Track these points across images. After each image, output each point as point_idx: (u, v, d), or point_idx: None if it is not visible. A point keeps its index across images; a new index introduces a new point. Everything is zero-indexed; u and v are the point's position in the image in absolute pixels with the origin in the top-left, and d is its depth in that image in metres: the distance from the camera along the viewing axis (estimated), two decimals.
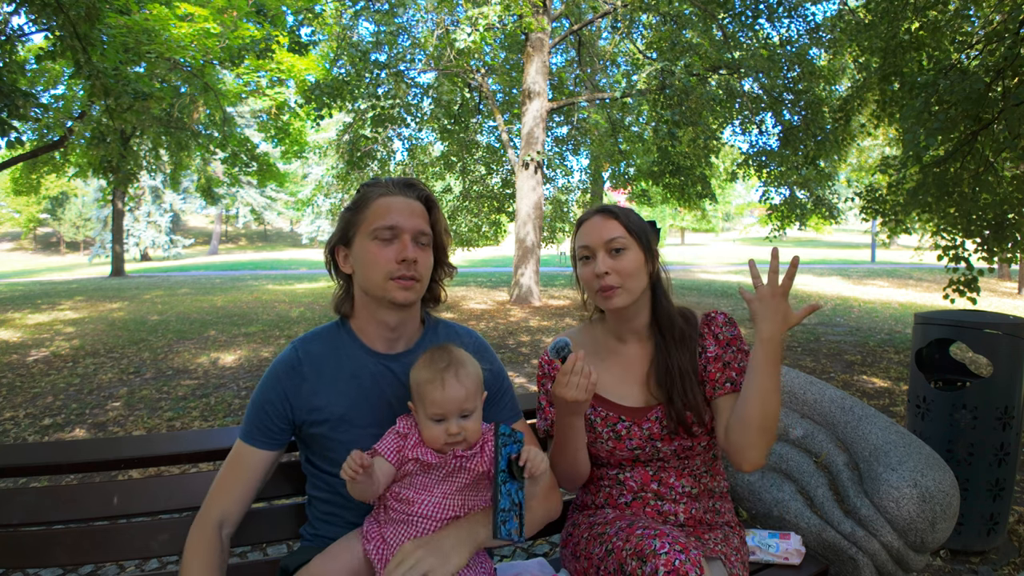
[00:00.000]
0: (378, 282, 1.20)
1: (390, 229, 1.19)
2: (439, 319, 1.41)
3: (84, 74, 6.64)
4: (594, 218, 1.40)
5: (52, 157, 15.98)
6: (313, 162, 25.86)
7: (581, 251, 1.39)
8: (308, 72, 12.23)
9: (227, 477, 1.24)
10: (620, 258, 1.35)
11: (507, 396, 1.37)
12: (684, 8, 10.60)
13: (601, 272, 1.34)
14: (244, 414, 1.29)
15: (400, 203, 1.22)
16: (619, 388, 1.41)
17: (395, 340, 1.29)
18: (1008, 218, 5.18)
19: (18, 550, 1.28)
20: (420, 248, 1.23)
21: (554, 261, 27.32)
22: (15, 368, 6.15)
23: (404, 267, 1.19)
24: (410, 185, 1.26)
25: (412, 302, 1.24)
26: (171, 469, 3.01)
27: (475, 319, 9.18)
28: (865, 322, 9.45)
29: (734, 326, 1.43)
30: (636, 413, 1.38)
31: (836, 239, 44.43)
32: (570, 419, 1.28)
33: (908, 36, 5.95)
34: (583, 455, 1.36)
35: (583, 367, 1.21)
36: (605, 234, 1.36)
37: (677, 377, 1.35)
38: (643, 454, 1.37)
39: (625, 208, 1.42)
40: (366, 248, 1.21)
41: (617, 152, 14.00)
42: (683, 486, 1.37)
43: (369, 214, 1.22)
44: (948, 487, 1.57)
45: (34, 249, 45.60)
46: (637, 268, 1.36)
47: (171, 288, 15.22)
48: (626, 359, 1.44)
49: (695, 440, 1.36)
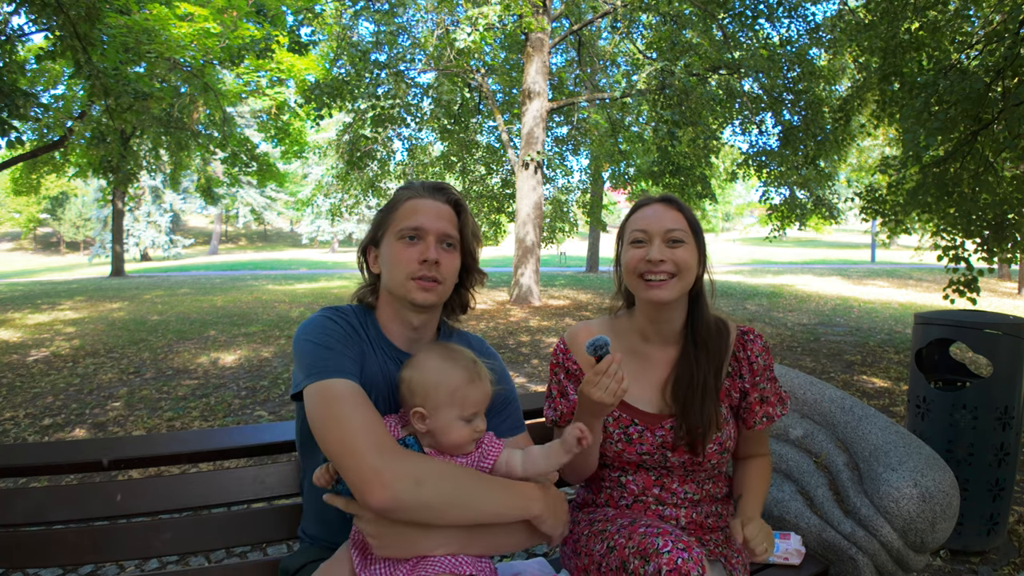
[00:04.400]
0: (400, 281, 1.21)
1: (415, 230, 1.21)
2: (455, 329, 1.40)
3: (84, 74, 6.64)
4: (656, 205, 1.35)
5: (52, 157, 15.98)
6: (313, 162, 25.89)
7: (635, 234, 1.32)
8: (308, 72, 12.25)
9: (372, 423, 1.03)
10: (677, 249, 1.30)
11: (508, 412, 1.34)
12: (684, 8, 10.61)
13: (656, 259, 1.28)
14: (306, 362, 1.11)
15: (428, 205, 1.24)
16: (635, 390, 1.37)
17: (416, 340, 1.29)
18: (1008, 218, 5.17)
19: (18, 550, 1.28)
20: (445, 251, 1.23)
21: (554, 261, 27.35)
22: (15, 368, 6.15)
23: (425, 268, 1.20)
24: (440, 189, 1.28)
25: (432, 304, 1.24)
26: (171, 469, 3.00)
27: (475, 319, 9.18)
28: (865, 322, 9.45)
29: (768, 353, 1.41)
30: (650, 419, 1.35)
31: (836, 239, 44.43)
32: (591, 420, 1.25)
33: (908, 36, 5.95)
34: (594, 455, 1.35)
35: (617, 371, 1.17)
36: (667, 223, 1.31)
37: (698, 392, 1.31)
38: (651, 460, 1.35)
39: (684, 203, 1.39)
40: (392, 248, 1.23)
41: (617, 152, 14.00)
42: (686, 492, 1.36)
43: (398, 215, 1.24)
44: (948, 487, 1.57)
45: (34, 249, 45.59)
46: (691, 264, 1.31)
47: (171, 288, 15.22)
48: (647, 361, 1.40)
49: (705, 457, 1.33)
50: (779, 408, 1.40)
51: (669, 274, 1.29)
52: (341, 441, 1.00)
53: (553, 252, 24.54)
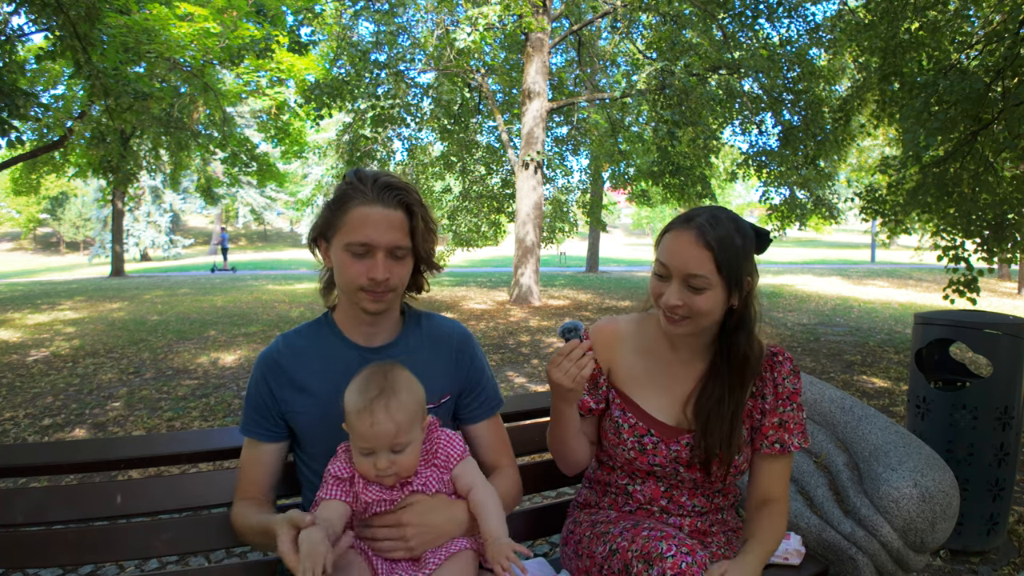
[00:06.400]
0: (350, 291, 1.22)
1: (363, 245, 1.17)
2: (421, 311, 1.40)
3: (84, 74, 6.64)
4: (686, 235, 1.19)
5: (52, 157, 15.97)
6: (313, 162, 25.89)
7: (657, 266, 1.24)
8: (308, 72, 12.24)
9: (242, 478, 1.29)
10: (697, 296, 1.19)
11: (485, 391, 1.37)
12: (684, 8, 10.61)
13: (672, 304, 1.20)
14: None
15: (376, 215, 1.17)
16: (655, 398, 1.32)
17: (374, 334, 1.30)
18: (1008, 218, 5.17)
19: (18, 550, 1.27)
20: (395, 261, 1.21)
21: (554, 261, 27.34)
22: (15, 368, 6.15)
23: (374, 284, 1.18)
24: (390, 188, 1.20)
25: (383, 311, 1.25)
26: (171, 469, 3.00)
27: (475, 319, 9.18)
28: (865, 322, 9.45)
29: (797, 378, 1.31)
30: (667, 431, 1.29)
31: (836, 239, 44.43)
32: (559, 404, 1.25)
33: (908, 36, 5.95)
34: (575, 444, 1.33)
35: (580, 356, 1.17)
36: (691, 266, 1.17)
37: (727, 413, 1.24)
38: (662, 472, 1.30)
39: (723, 233, 1.18)
40: (340, 258, 1.21)
41: (617, 152, 14.00)
42: (694, 505, 1.33)
43: (346, 222, 1.19)
44: (948, 487, 1.57)
45: (34, 249, 45.58)
46: (713, 307, 1.20)
47: (171, 288, 15.22)
48: (672, 368, 1.34)
49: (715, 479, 1.29)
50: (796, 439, 1.28)
51: (684, 316, 1.22)
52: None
53: (553, 252, 24.49)
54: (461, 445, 1.20)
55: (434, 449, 1.17)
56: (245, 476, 1.28)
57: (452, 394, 1.33)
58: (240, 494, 1.27)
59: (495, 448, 1.37)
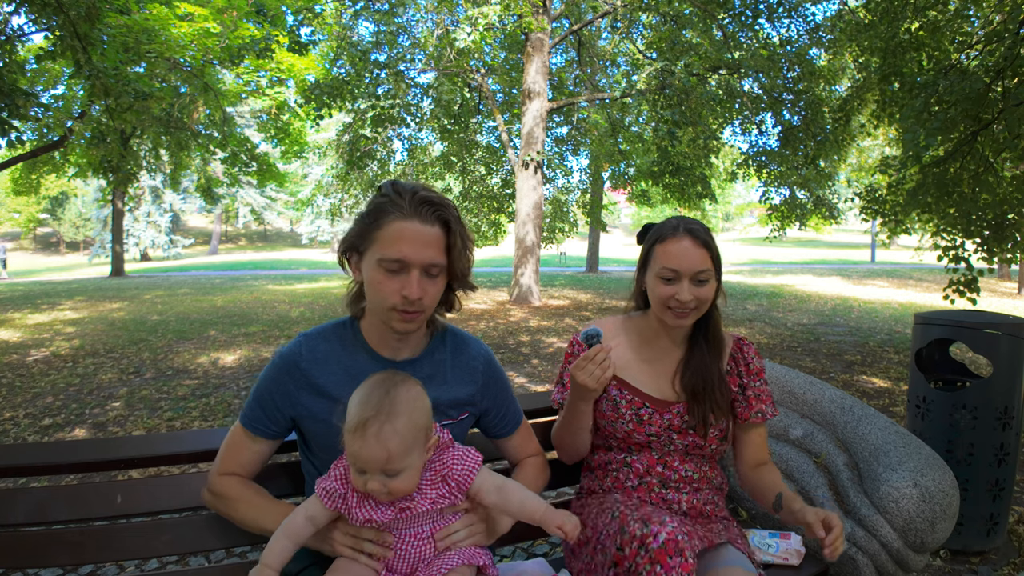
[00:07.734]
0: (381, 309, 1.19)
1: (397, 262, 1.14)
2: (448, 326, 1.38)
3: (84, 74, 6.64)
4: (687, 241, 1.40)
5: (52, 157, 15.97)
6: (313, 162, 25.85)
7: (665, 272, 1.40)
8: (308, 72, 12.25)
9: (227, 457, 1.28)
10: (702, 288, 1.41)
11: (510, 410, 1.42)
12: (684, 8, 10.61)
13: (686, 300, 1.39)
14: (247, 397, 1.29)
15: (413, 231, 1.14)
16: (646, 379, 1.50)
17: (400, 348, 1.29)
18: (1008, 218, 5.17)
19: (18, 550, 1.27)
20: (429, 279, 1.18)
21: (554, 261, 27.35)
22: (15, 368, 6.15)
23: (407, 303, 1.16)
24: (428, 203, 1.16)
25: (413, 331, 1.24)
26: (171, 469, 3.01)
27: (475, 319, 9.18)
28: (865, 322, 9.45)
29: (761, 359, 1.57)
30: (659, 404, 1.46)
31: (836, 239, 44.43)
32: (579, 403, 1.41)
33: (908, 36, 5.94)
34: (583, 436, 1.48)
35: (604, 359, 1.33)
36: (697, 265, 1.39)
37: (715, 379, 1.45)
38: (656, 442, 1.45)
39: (707, 233, 1.45)
40: (373, 273, 1.17)
41: (617, 152, 14.00)
42: (686, 470, 1.45)
43: (381, 237, 1.15)
44: (948, 487, 1.57)
45: (34, 249, 45.58)
46: (712, 294, 1.45)
47: (171, 288, 15.22)
48: (658, 353, 1.52)
49: (707, 441, 1.44)
50: (771, 409, 1.52)
51: (692, 308, 1.42)
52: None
53: (553, 252, 24.51)
54: (475, 463, 1.15)
55: (445, 467, 1.12)
56: (231, 456, 1.27)
57: (472, 413, 1.36)
58: (223, 469, 1.26)
59: (522, 448, 1.47)
